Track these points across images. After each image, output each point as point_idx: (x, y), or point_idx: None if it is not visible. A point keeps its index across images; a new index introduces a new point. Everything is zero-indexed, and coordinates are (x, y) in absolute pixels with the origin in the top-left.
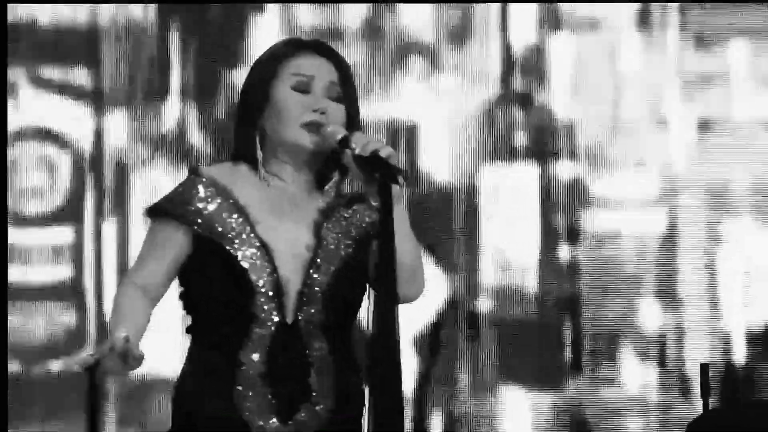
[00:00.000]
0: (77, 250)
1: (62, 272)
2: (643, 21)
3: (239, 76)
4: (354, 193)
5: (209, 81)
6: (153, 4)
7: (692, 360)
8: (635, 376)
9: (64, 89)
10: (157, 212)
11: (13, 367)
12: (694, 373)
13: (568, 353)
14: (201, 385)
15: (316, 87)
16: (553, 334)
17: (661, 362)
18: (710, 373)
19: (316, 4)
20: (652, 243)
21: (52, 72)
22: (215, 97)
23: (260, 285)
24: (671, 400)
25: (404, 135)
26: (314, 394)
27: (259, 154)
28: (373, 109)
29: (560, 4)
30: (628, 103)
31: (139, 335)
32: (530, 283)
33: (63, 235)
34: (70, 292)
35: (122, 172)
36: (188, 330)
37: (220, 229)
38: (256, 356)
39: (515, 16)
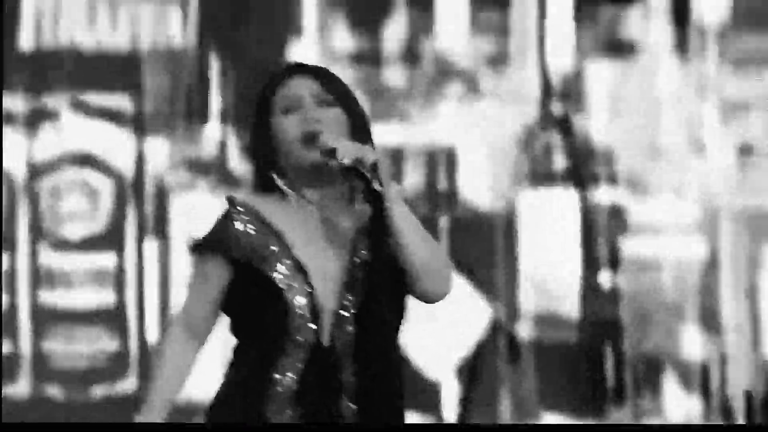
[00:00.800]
0: (119, 274)
1: (104, 297)
2: (681, 46)
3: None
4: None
5: (249, 105)
6: (193, 28)
7: (735, 387)
8: (677, 404)
9: (105, 114)
10: (197, 248)
11: (55, 391)
12: (737, 401)
13: (609, 380)
14: (234, 404)
15: (304, 102)
16: (594, 360)
17: (704, 390)
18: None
19: (355, 29)
20: (692, 269)
21: (93, 97)
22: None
23: (296, 306)
24: (713, 429)
25: (443, 159)
26: (345, 416)
27: (280, 182)
28: (411, 134)
29: (598, 28)
30: (667, 129)
31: (180, 388)
32: (570, 308)
33: (105, 259)
34: (112, 317)
35: (163, 196)
36: (233, 351)
37: (256, 252)
38: (289, 376)
39: (553, 41)
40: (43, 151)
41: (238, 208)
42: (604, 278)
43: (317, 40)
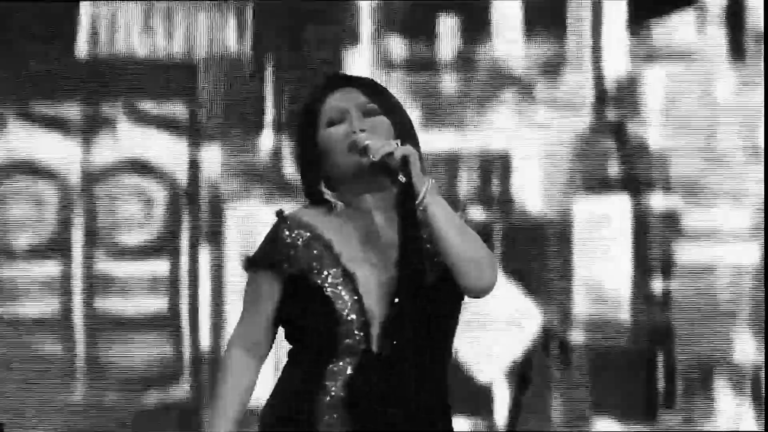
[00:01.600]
0: (173, 281)
1: (159, 303)
2: (737, 50)
3: None
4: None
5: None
6: (249, 37)
7: None
8: (729, 410)
9: (161, 122)
10: (249, 266)
11: (109, 397)
12: None
13: (661, 385)
14: (286, 410)
15: (349, 113)
16: (645, 365)
17: (756, 396)
18: None
19: (410, 40)
20: (746, 275)
21: (148, 105)
22: None
23: (345, 314)
24: None
25: (498, 166)
26: (395, 422)
27: (328, 193)
28: (466, 140)
29: (653, 34)
30: (722, 134)
31: (243, 408)
32: (623, 313)
33: (159, 266)
34: (166, 324)
35: (217, 204)
36: (288, 354)
37: (306, 263)
38: (339, 384)
39: (608, 47)
40: (100, 158)
41: (288, 221)
42: (657, 284)
43: (372, 48)
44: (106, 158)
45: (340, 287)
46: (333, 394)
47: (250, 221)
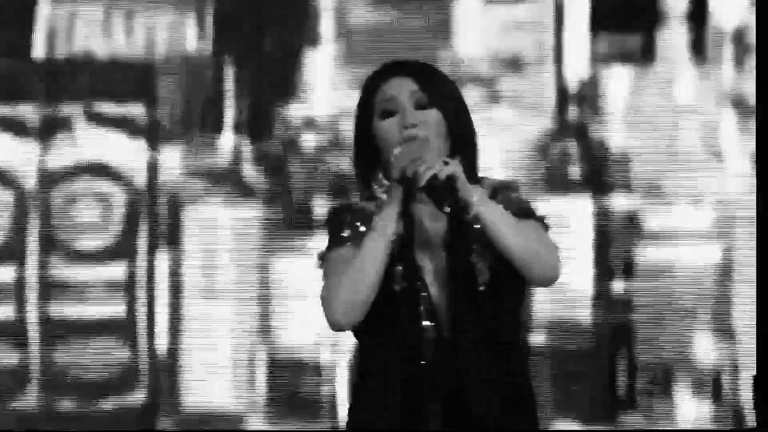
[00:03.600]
0: (131, 284)
1: (115, 307)
2: (698, 51)
3: (294, 110)
4: (496, 185)
5: (264, 115)
6: (209, 38)
7: (747, 393)
8: (690, 410)
9: (119, 124)
10: (327, 251)
11: (67, 403)
12: (749, 407)
13: (621, 387)
14: (369, 402)
15: (401, 104)
16: (606, 367)
17: (716, 396)
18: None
19: (374, 40)
20: (707, 276)
21: (107, 107)
22: (270, 131)
23: (414, 305)
24: None
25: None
26: (473, 408)
27: (379, 191)
28: None
29: (615, 35)
30: (683, 135)
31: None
32: (584, 315)
33: (117, 270)
34: (123, 328)
35: (176, 207)
36: (357, 353)
37: None
38: (414, 373)
39: (570, 48)
40: (57, 160)
41: (351, 209)
42: (618, 285)
43: (334, 48)
44: (63, 160)
45: (406, 277)
46: (408, 381)
47: (209, 224)
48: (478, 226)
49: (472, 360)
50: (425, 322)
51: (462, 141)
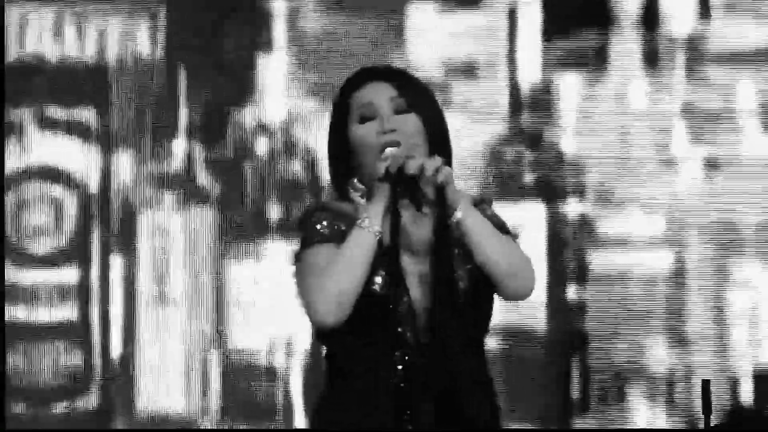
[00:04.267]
0: (84, 289)
1: (68, 312)
2: (651, 59)
3: (247, 115)
4: (476, 198)
5: (217, 120)
6: (161, 43)
7: (700, 399)
8: (643, 415)
9: (71, 128)
10: (307, 245)
11: (18, 408)
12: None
13: (575, 393)
14: (342, 408)
15: (380, 109)
16: (560, 373)
17: (670, 402)
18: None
19: (326, 46)
20: (660, 282)
21: (58, 111)
22: (223, 135)
23: (394, 310)
24: None
25: None
26: (450, 411)
27: (354, 193)
28: None
29: (568, 41)
30: (636, 142)
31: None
32: (537, 321)
33: (69, 274)
34: (76, 332)
35: (129, 211)
36: (327, 357)
37: None
38: (392, 378)
39: (523, 54)
40: (8, 165)
41: (325, 210)
42: (572, 291)
43: (287, 54)
44: (15, 165)
45: (387, 282)
46: (385, 387)
47: (162, 228)
48: (459, 233)
49: (448, 365)
50: (405, 326)
51: (439, 146)
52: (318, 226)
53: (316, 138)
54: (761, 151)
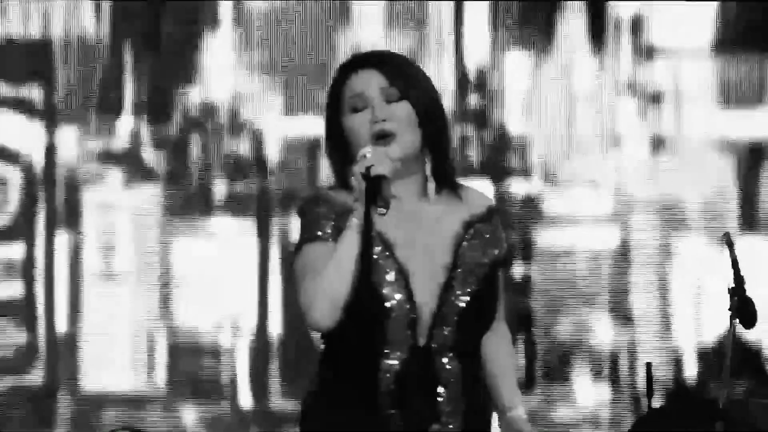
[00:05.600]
0: (28, 266)
1: (13, 289)
2: (597, 39)
3: (193, 93)
4: (493, 206)
5: (163, 98)
6: (107, 21)
7: (643, 376)
8: (588, 392)
9: (16, 105)
10: (306, 241)
11: None
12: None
13: (520, 370)
14: (334, 405)
15: (371, 99)
16: None
17: (614, 379)
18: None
19: (272, 24)
20: (604, 260)
21: (3, 88)
22: (169, 113)
23: (395, 310)
24: (623, 417)
25: None
26: (443, 414)
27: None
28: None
29: (514, 22)
30: (581, 121)
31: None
32: None
33: (14, 251)
34: (21, 309)
35: (74, 188)
36: (324, 352)
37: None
38: (387, 378)
39: (470, 35)
40: None
41: (327, 201)
42: (518, 269)
43: (233, 32)
44: None
45: (392, 283)
46: (383, 385)
47: (107, 205)
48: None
49: (443, 367)
50: (405, 326)
51: (432, 134)
52: (320, 222)
53: (262, 116)
54: (705, 129)
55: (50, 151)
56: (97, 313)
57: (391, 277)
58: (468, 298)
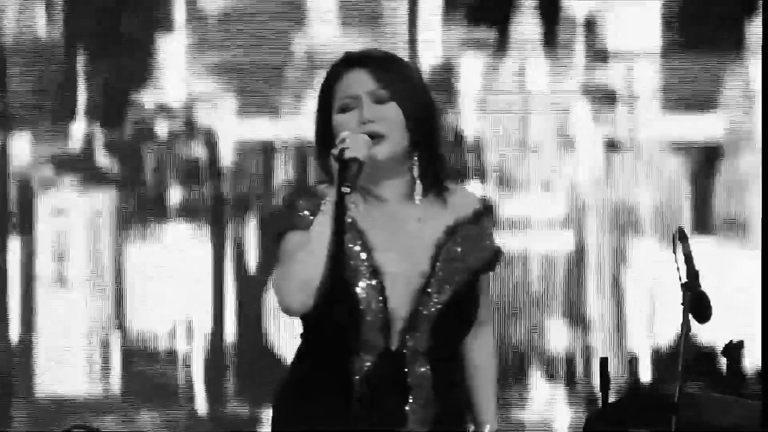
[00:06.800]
0: None
1: None
2: (550, 41)
3: (146, 97)
4: (480, 208)
5: (116, 101)
6: (59, 23)
7: (598, 377)
8: (543, 395)
9: None
10: (286, 230)
11: None
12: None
13: None
14: (302, 403)
15: (359, 100)
16: None
17: (569, 382)
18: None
19: (227, 25)
20: (559, 263)
21: None
22: (122, 116)
23: (368, 313)
24: (578, 419)
25: (313, 154)
26: (411, 419)
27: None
28: (282, 126)
29: (467, 23)
30: (535, 123)
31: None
32: None
33: None
34: None
35: (27, 192)
36: (300, 347)
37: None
38: (357, 380)
39: (424, 35)
40: None
41: (311, 195)
42: None
43: (186, 36)
44: None
45: (368, 287)
46: (354, 387)
47: (61, 210)
48: None
49: (414, 372)
50: (377, 329)
51: (421, 136)
52: (302, 212)
53: (217, 119)
54: (659, 132)
55: (3, 155)
56: (50, 318)
57: (366, 279)
58: (443, 305)
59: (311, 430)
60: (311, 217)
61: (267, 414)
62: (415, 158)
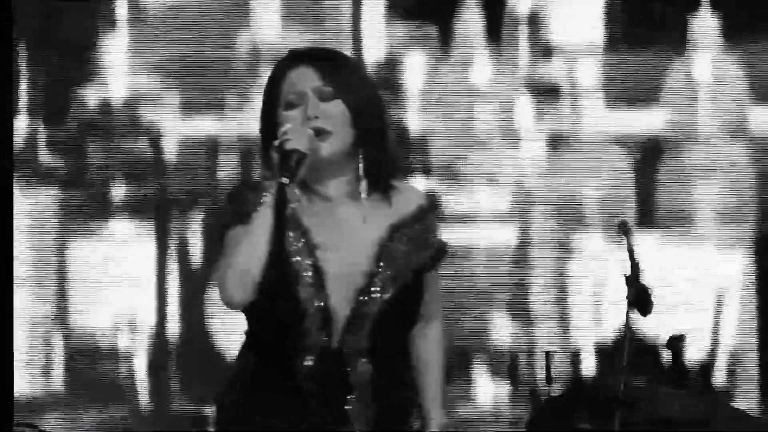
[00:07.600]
0: None
1: None
2: (494, 35)
3: (90, 93)
4: (424, 204)
5: (59, 98)
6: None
7: (543, 374)
8: (487, 390)
9: None
10: (222, 229)
11: None
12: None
13: None
14: (246, 399)
15: (305, 96)
16: None
17: (512, 377)
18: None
19: (170, 22)
20: (503, 258)
21: None
22: (65, 114)
23: (310, 312)
24: (522, 415)
25: (257, 151)
26: (353, 418)
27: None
28: (226, 123)
29: (412, 19)
30: (480, 117)
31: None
32: None
33: None
34: None
35: None
36: (243, 345)
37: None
38: (300, 378)
39: (369, 30)
40: None
41: (257, 187)
42: None
43: (131, 31)
44: None
45: (309, 284)
46: (296, 386)
47: (4, 209)
48: None
49: (356, 371)
50: (318, 328)
51: (366, 134)
52: (245, 206)
53: (161, 115)
54: (603, 126)
55: None
56: None
57: (308, 278)
58: (385, 304)
59: (256, 428)
60: (252, 213)
61: (210, 411)
62: (361, 156)
